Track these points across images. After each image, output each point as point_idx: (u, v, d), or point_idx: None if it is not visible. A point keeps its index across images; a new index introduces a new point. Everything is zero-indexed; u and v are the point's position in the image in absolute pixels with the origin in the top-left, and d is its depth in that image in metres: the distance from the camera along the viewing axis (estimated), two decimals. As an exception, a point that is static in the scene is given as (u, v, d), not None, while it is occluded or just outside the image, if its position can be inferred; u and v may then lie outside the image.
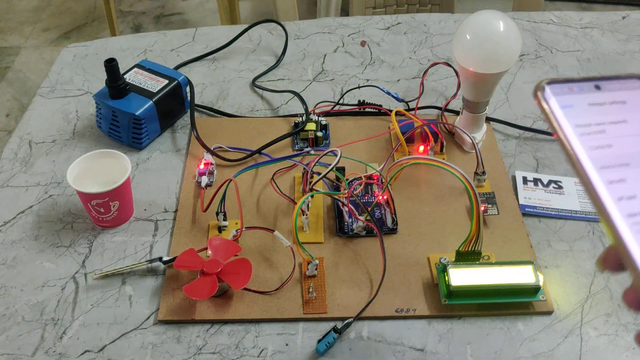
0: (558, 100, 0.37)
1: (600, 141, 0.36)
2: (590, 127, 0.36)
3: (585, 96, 0.37)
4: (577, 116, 0.36)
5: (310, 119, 0.84)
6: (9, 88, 2.19)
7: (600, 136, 0.36)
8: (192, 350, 0.62)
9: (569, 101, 0.37)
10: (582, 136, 0.36)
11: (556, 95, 0.37)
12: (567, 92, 0.37)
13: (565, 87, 0.37)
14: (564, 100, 0.37)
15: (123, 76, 0.82)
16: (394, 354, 0.61)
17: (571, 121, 0.36)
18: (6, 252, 0.71)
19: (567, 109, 0.37)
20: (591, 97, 0.37)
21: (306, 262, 0.67)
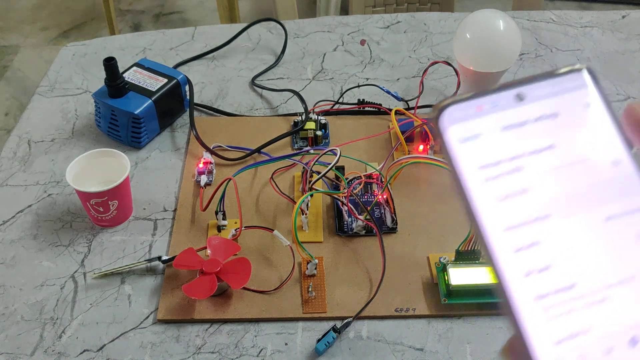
0: (457, 130, 0.27)
1: (512, 186, 0.26)
2: (500, 167, 0.27)
3: (499, 116, 0.27)
4: (482, 152, 0.27)
5: (310, 118, 0.84)
6: (8, 87, 2.19)
7: (513, 178, 0.26)
8: (191, 349, 0.62)
9: (475, 129, 0.27)
10: (486, 182, 0.26)
11: (456, 123, 0.27)
12: (474, 115, 0.27)
13: (471, 106, 0.27)
14: (467, 128, 0.27)
15: (122, 75, 0.82)
16: (394, 354, 0.61)
17: (472, 162, 0.26)
18: (5, 251, 0.71)
19: (469, 142, 0.27)
20: (508, 116, 0.27)
21: (305, 261, 0.67)
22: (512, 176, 0.26)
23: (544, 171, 0.27)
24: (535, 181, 0.26)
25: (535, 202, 0.26)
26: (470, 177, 0.26)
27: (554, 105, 0.28)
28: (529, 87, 0.28)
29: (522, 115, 0.27)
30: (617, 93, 0.94)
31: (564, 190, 0.26)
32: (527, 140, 0.27)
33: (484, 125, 0.27)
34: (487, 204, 0.26)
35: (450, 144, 0.26)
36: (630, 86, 0.95)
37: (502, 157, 0.27)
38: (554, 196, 0.26)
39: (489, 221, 0.26)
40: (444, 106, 0.27)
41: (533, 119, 0.27)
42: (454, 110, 0.27)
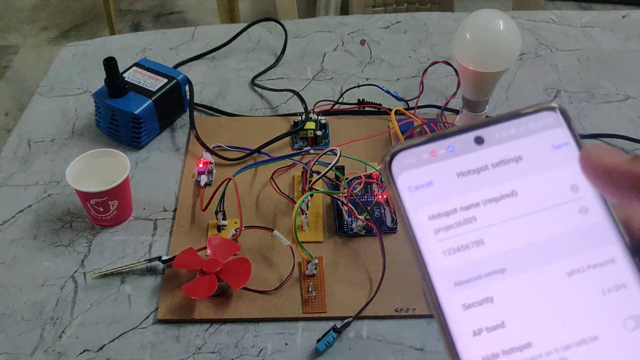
0: (408, 177, 0.25)
1: (464, 238, 0.24)
2: (453, 217, 0.25)
3: (455, 161, 0.25)
4: (434, 201, 0.25)
5: (310, 118, 0.84)
6: (8, 87, 2.19)
7: (466, 229, 0.24)
8: (191, 349, 0.62)
9: (426, 176, 0.25)
10: (437, 234, 0.24)
11: (408, 170, 0.25)
12: (427, 160, 0.25)
13: (424, 151, 0.25)
14: (419, 175, 0.25)
15: (122, 75, 0.82)
16: (394, 354, 0.61)
17: (422, 211, 0.25)
18: (5, 251, 0.71)
19: (420, 190, 0.25)
20: (464, 161, 0.25)
21: (305, 261, 0.67)
22: (465, 227, 0.24)
23: (501, 221, 0.24)
24: (491, 232, 0.24)
25: (489, 255, 0.24)
26: (419, 228, 0.24)
27: (517, 148, 0.25)
28: (491, 129, 0.26)
29: (480, 160, 0.25)
30: (617, 93, 0.94)
31: (524, 242, 0.24)
32: (484, 188, 0.25)
33: (437, 172, 0.25)
34: (436, 257, 0.24)
35: (400, 192, 0.25)
36: (630, 86, 0.95)
37: (455, 206, 0.25)
38: (511, 248, 0.24)
39: (437, 275, 0.24)
40: (396, 152, 0.25)
41: (492, 164, 0.25)
42: (406, 155, 0.25)
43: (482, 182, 0.25)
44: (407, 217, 0.25)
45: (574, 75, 0.98)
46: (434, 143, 0.25)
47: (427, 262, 0.24)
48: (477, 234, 0.24)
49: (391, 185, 0.25)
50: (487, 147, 0.25)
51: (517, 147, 0.25)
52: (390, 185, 0.25)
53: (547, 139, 0.26)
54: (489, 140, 0.25)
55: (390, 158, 0.25)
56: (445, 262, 0.24)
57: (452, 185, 0.25)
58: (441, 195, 0.25)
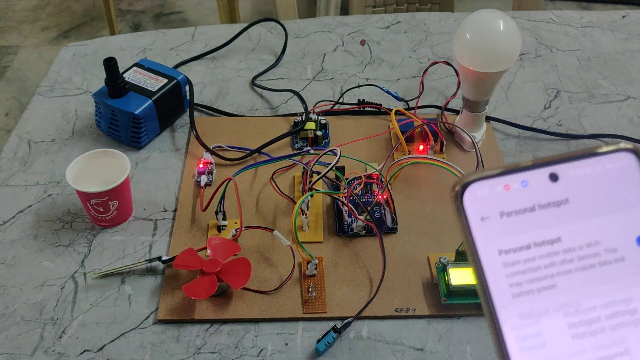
0: (479, 209, 0.24)
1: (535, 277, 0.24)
2: (524, 253, 0.24)
3: (529, 196, 0.25)
4: (504, 234, 0.24)
5: (310, 118, 0.84)
6: (8, 87, 2.19)
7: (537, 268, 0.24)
8: (192, 349, 0.62)
9: (498, 209, 0.25)
10: (506, 268, 0.24)
11: (478, 202, 0.25)
12: (500, 194, 0.25)
13: (497, 184, 0.25)
14: (490, 208, 0.24)
15: (122, 75, 0.82)
16: (394, 354, 0.61)
17: (492, 244, 0.24)
18: (5, 251, 0.71)
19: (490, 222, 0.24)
20: (538, 197, 0.25)
21: (306, 261, 0.67)
22: (536, 265, 0.24)
23: (575, 262, 0.24)
24: (564, 275, 0.24)
25: (558, 299, 0.24)
26: (488, 262, 0.24)
27: (592, 187, 0.25)
28: (566, 166, 0.25)
29: (554, 196, 0.25)
30: (617, 93, 0.94)
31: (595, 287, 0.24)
32: (556, 226, 0.24)
33: (510, 206, 0.25)
34: (503, 294, 0.24)
35: (470, 223, 0.24)
36: (630, 86, 0.96)
37: (528, 242, 0.24)
38: (583, 294, 0.24)
39: (503, 314, 0.24)
40: (468, 182, 0.25)
41: (566, 201, 0.25)
42: (479, 186, 0.25)
43: (555, 219, 0.25)
44: (476, 249, 0.24)
45: (574, 75, 0.98)
46: (508, 176, 0.25)
47: (493, 297, 0.24)
48: (548, 274, 0.24)
49: (461, 216, 0.25)
50: (561, 185, 0.25)
51: (592, 187, 0.25)
52: (461, 216, 0.25)
53: (622, 180, 0.25)
54: (563, 178, 0.25)
55: (463, 188, 0.25)
56: (512, 300, 0.24)
57: (524, 220, 0.25)
58: (513, 230, 0.24)
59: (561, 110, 0.91)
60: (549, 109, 0.91)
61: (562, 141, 0.85)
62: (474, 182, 0.25)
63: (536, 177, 0.25)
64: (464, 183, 0.25)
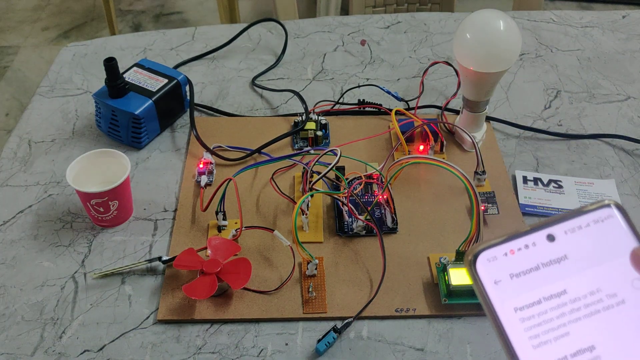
0: (490, 273, 0.28)
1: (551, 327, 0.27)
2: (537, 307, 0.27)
3: (533, 257, 0.28)
4: (517, 293, 0.27)
5: (310, 118, 0.84)
6: (9, 87, 2.19)
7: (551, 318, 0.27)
8: (192, 350, 0.62)
9: (508, 271, 0.28)
10: (523, 323, 0.27)
11: (489, 267, 0.28)
12: (507, 258, 0.28)
13: (504, 249, 0.28)
14: (500, 271, 0.28)
15: (122, 75, 0.82)
16: (394, 354, 0.61)
17: (507, 303, 0.27)
18: (5, 251, 0.71)
19: (503, 284, 0.28)
20: (540, 257, 0.28)
21: (306, 261, 0.67)
22: (550, 316, 0.27)
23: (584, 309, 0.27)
24: (575, 322, 0.27)
25: (574, 345, 0.26)
26: (507, 319, 0.27)
27: (585, 242, 0.28)
28: (559, 227, 0.28)
29: (554, 254, 0.28)
30: (617, 93, 0.94)
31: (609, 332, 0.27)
32: (561, 280, 0.27)
33: (517, 267, 0.28)
34: (524, 346, 0.26)
35: (485, 286, 0.27)
36: (630, 86, 0.96)
37: (539, 297, 0.27)
38: (596, 339, 0.26)
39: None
40: (479, 251, 0.28)
41: (565, 257, 0.28)
42: (488, 254, 0.28)
43: (558, 274, 0.28)
44: (493, 309, 0.27)
45: (574, 75, 0.98)
46: (511, 242, 0.28)
47: (516, 351, 0.26)
48: (560, 323, 0.27)
49: (477, 282, 0.28)
50: (558, 243, 0.28)
51: (585, 241, 0.28)
52: (476, 282, 0.28)
53: (610, 232, 0.28)
54: (559, 237, 0.28)
55: (474, 257, 0.28)
56: (534, 351, 0.26)
57: (532, 278, 0.28)
58: (523, 289, 0.27)
59: (561, 110, 0.91)
60: (549, 109, 0.91)
61: (562, 141, 0.85)
62: (483, 251, 0.28)
63: (535, 239, 0.28)
64: (475, 253, 0.28)
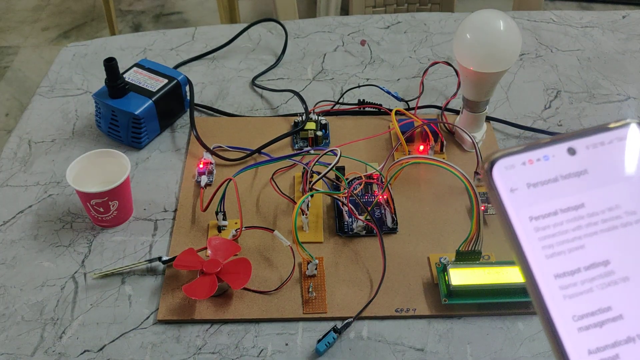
0: (507, 181, 0.27)
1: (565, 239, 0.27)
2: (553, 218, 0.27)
3: (551, 168, 0.27)
4: (533, 202, 0.27)
5: (310, 118, 0.84)
6: (9, 87, 2.19)
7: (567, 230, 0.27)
8: (192, 350, 0.62)
9: (525, 180, 0.27)
10: (537, 232, 0.27)
11: (506, 175, 0.27)
12: (525, 167, 0.27)
13: (523, 158, 0.28)
14: (517, 180, 0.27)
15: (122, 75, 0.82)
16: (394, 354, 0.61)
17: (523, 212, 0.27)
18: (5, 251, 0.71)
19: (519, 193, 0.27)
20: (559, 169, 0.27)
21: (306, 261, 0.67)
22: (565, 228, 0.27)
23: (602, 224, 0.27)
24: (592, 236, 0.27)
25: (589, 258, 0.26)
26: (521, 228, 0.27)
27: (607, 157, 0.28)
28: (581, 141, 0.28)
29: (573, 167, 0.27)
30: (617, 93, 0.94)
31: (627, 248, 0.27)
32: (578, 193, 0.27)
33: (534, 177, 0.27)
34: (538, 257, 0.26)
35: (501, 194, 0.27)
36: (630, 86, 0.96)
37: (555, 208, 0.27)
38: (613, 254, 0.26)
39: (540, 276, 0.26)
40: (496, 158, 0.27)
41: (585, 171, 0.27)
42: (505, 162, 0.27)
43: (577, 188, 0.27)
44: (507, 217, 0.27)
45: (574, 75, 0.98)
46: (531, 152, 0.28)
47: (529, 261, 0.26)
48: (576, 236, 0.27)
49: (492, 189, 0.27)
50: (579, 157, 0.28)
51: (606, 158, 0.28)
52: (492, 190, 0.27)
53: (631, 150, 0.28)
54: (580, 151, 0.28)
55: (491, 163, 0.28)
56: (546, 261, 0.26)
57: (549, 189, 0.27)
58: (540, 199, 0.27)
59: (561, 111, 0.91)
60: (549, 109, 0.91)
61: (562, 141, 0.85)
62: (500, 159, 0.28)
63: (556, 151, 0.28)
64: (491, 160, 0.28)
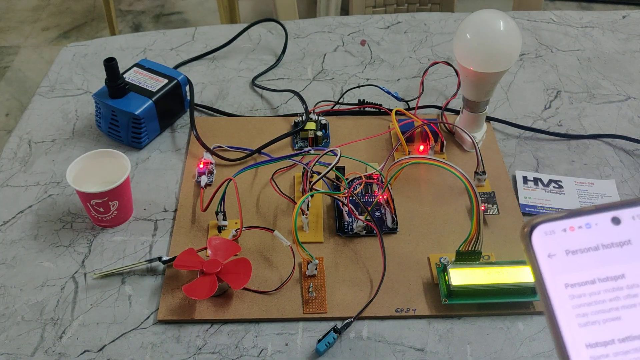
0: (546, 246, 0.26)
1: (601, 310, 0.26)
2: (590, 287, 0.26)
3: (592, 237, 0.26)
4: (570, 270, 0.26)
5: (310, 119, 0.84)
6: (9, 87, 2.19)
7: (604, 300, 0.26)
8: (192, 350, 0.62)
9: (564, 247, 0.26)
10: (572, 300, 0.26)
11: (546, 241, 0.27)
12: (566, 234, 0.27)
13: (562, 225, 0.27)
14: (556, 245, 0.26)
15: (122, 75, 0.82)
16: (394, 354, 0.61)
17: (559, 278, 0.26)
18: (6, 251, 0.71)
19: (557, 259, 0.26)
20: (600, 238, 0.26)
21: (306, 261, 0.67)
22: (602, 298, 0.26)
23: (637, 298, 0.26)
24: (629, 309, 0.26)
25: (625, 333, 0.25)
26: (556, 295, 0.26)
27: None
28: (628, 211, 0.27)
29: (616, 238, 0.26)
30: (617, 93, 0.94)
31: None
32: (620, 264, 0.26)
33: (575, 245, 0.26)
34: (571, 325, 0.25)
35: (538, 258, 0.26)
36: (630, 86, 0.96)
37: (593, 277, 0.26)
38: None
39: (570, 339, 0.25)
40: (537, 223, 0.27)
41: (629, 242, 0.26)
42: (546, 227, 0.27)
43: (618, 258, 0.26)
44: (543, 282, 0.26)
45: (574, 76, 0.98)
46: (573, 219, 0.27)
47: (561, 328, 0.25)
48: (613, 307, 0.26)
49: (530, 253, 0.27)
50: (624, 227, 0.27)
51: None
52: (530, 253, 0.27)
53: None
54: (626, 221, 0.27)
55: (532, 228, 0.27)
56: (579, 329, 0.25)
57: (589, 257, 0.26)
58: (578, 267, 0.26)
59: (561, 111, 0.91)
60: (549, 109, 0.91)
61: (563, 141, 0.85)
62: (541, 224, 0.27)
63: (599, 220, 0.27)
64: (532, 224, 0.27)
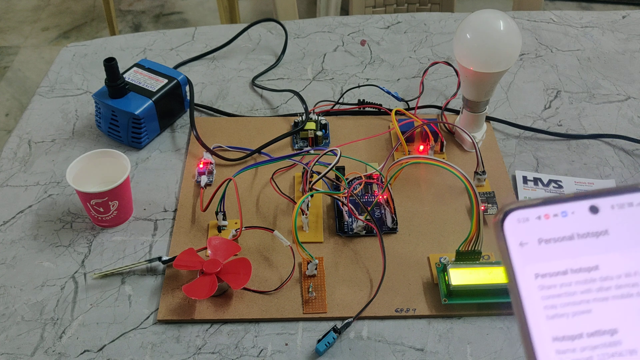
0: (518, 234, 0.26)
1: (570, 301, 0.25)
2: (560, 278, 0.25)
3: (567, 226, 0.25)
4: (541, 259, 0.25)
5: (310, 118, 0.84)
6: (9, 87, 2.19)
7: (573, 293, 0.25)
8: (192, 350, 0.62)
9: (537, 235, 0.26)
10: (541, 290, 0.25)
11: (518, 228, 0.26)
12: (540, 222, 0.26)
13: (539, 212, 0.26)
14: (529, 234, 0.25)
15: (122, 75, 0.82)
16: (394, 354, 0.61)
17: (529, 268, 0.25)
18: (5, 251, 0.71)
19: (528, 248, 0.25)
20: (576, 227, 0.25)
21: (306, 261, 0.67)
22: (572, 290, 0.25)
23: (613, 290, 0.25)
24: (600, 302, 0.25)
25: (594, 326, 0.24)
26: (525, 285, 0.25)
27: (632, 220, 0.26)
28: (606, 200, 0.26)
29: (592, 227, 0.25)
30: (617, 93, 0.94)
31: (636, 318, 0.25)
32: (594, 255, 0.25)
33: (548, 233, 0.25)
34: (538, 316, 0.24)
35: (509, 246, 0.26)
36: (630, 86, 0.95)
37: (565, 268, 0.25)
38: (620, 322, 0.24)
39: (538, 335, 0.24)
40: (510, 209, 0.26)
41: (605, 232, 0.25)
42: (520, 214, 0.26)
43: (593, 249, 0.25)
44: (513, 271, 0.25)
45: (574, 76, 0.98)
46: (549, 206, 0.26)
47: (528, 320, 0.25)
48: (584, 299, 0.25)
49: (501, 241, 0.26)
50: (601, 217, 0.26)
51: (632, 220, 0.26)
52: (500, 241, 0.26)
53: None
54: (604, 210, 0.26)
55: (504, 214, 0.26)
56: (546, 322, 0.25)
57: (562, 247, 0.25)
58: (550, 256, 0.25)
59: (561, 111, 0.91)
60: (549, 109, 0.91)
61: (562, 141, 0.85)
62: (515, 210, 0.26)
63: (576, 208, 0.26)
64: (505, 210, 0.26)
